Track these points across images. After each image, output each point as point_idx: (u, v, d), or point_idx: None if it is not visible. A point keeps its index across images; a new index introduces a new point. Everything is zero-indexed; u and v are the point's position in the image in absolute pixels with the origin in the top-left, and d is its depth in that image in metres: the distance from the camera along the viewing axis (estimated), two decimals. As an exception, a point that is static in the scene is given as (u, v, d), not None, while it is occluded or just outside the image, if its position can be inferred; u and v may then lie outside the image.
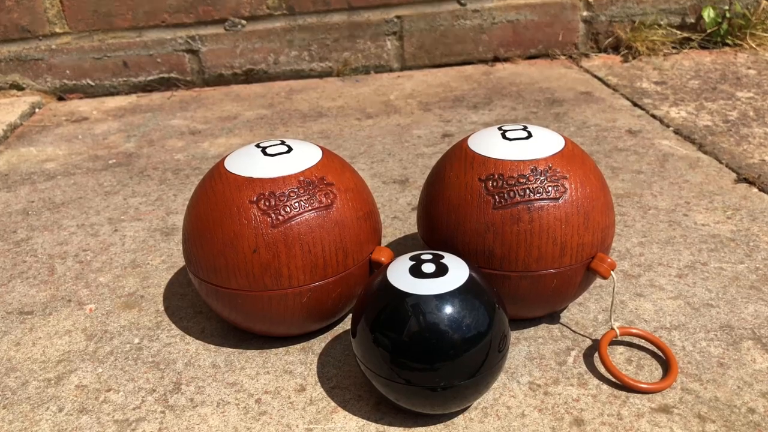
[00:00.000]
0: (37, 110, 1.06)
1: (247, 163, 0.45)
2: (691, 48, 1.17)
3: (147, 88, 1.13)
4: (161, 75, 1.12)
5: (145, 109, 1.04)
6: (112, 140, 0.91)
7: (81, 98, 1.11)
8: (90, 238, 0.65)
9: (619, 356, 0.45)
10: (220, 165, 0.46)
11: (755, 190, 0.67)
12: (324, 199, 0.44)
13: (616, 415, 0.40)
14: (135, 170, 0.81)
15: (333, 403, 0.42)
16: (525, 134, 0.46)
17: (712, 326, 0.47)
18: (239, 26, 1.10)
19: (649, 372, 0.44)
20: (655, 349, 0.45)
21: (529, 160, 0.44)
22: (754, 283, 0.52)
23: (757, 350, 0.45)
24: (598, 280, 0.52)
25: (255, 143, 0.47)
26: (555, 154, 0.45)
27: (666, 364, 0.44)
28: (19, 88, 1.11)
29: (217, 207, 0.43)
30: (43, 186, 0.77)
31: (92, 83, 1.12)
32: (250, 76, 1.14)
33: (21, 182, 0.79)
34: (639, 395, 0.41)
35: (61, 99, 1.11)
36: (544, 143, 0.45)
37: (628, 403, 0.41)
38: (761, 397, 0.41)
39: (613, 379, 0.43)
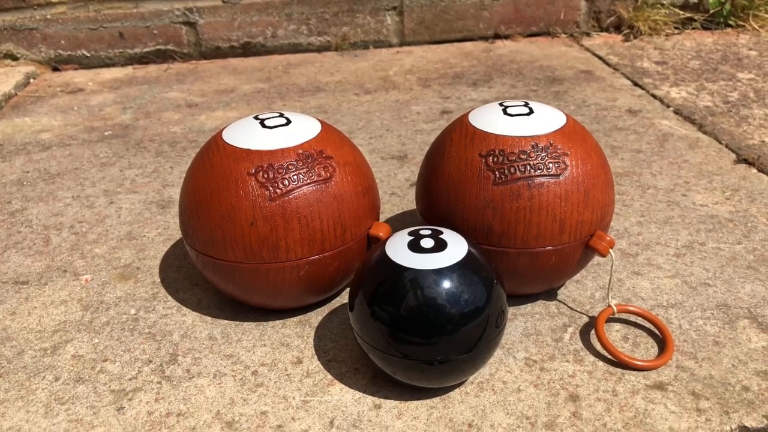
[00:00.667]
0: (31, 80, 1.05)
1: (246, 134, 0.44)
2: (693, 28, 1.16)
3: (143, 60, 1.12)
4: (158, 47, 1.11)
5: (142, 81, 1.03)
6: (108, 112, 0.90)
7: (76, 69, 1.10)
8: (85, 210, 0.64)
9: (615, 333, 0.45)
10: (217, 136, 0.46)
11: (754, 170, 0.67)
12: (323, 173, 0.43)
13: (611, 392, 0.40)
14: (131, 142, 0.80)
15: (329, 376, 0.42)
16: (526, 110, 0.46)
17: (708, 305, 0.48)
18: (237, -2, 1.09)
19: (645, 349, 0.44)
20: (652, 327, 0.46)
21: (530, 136, 0.44)
22: (751, 263, 0.52)
23: (752, 329, 0.45)
24: (596, 258, 0.52)
25: (253, 115, 0.47)
26: (556, 130, 0.44)
27: (662, 341, 0.44)
28: (14, 57, 1.09)
29: (215, 179, 0.43)
30: (38, 156, 0.76)
31: (88, 54, 1.10)
32: (247, 50, 1.13)
33: (16, 152, 0.78)
34: (634, 372, 0.42)
35: (56, 69, 1.10)
36: (546, 119, 0.45)
37: (623, 379, 0.41)
38: (755, 376, 0.41)
39: (609, 356, 0.43)
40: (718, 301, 0.48)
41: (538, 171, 0.42)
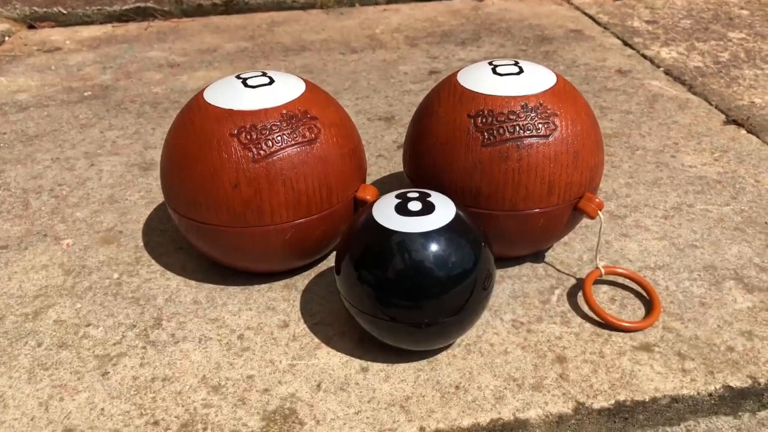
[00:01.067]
0: (6, 39, 1.01)
1: (228, 94, 0.43)
2: (684, -14, 1.14)
3: (123, 17, 1.08)
4: (137, 4, 1.08)
5: (121, 39, 1.00)
6: (87, 72, 0.88)
7: (53, 27, 1.06)
8: (66, 173, 0.63)
9: (602, 295, 0.45)
10: (198, 96, 0.44)
11: (743, 131, 0.66)
12: (307, 134, 0.42)
13: (598, 353, 0.40)
14: (112, 103, 0.78)
15: (316, 340, 0.42)
16: (516, 69, 0.45)
17: (695, 266, 0.48)
18: (218, -47, 1.05)
19: (632, 311, 0.44)
20: (639, 289, 0.46)
21: (519, 96, 0.43)
22: (738, 225, 0.52)
23: (738, 290, 0.45)
24: (585, 220, 0.52)
25: (235, 74, 0.45)
26: (546, 90, 0.43)
27: (649, 303, 0.44)
28: (-13, 15, 1.05)
29: (196, 140, 0.42)
30: (15, 117, 0.74)
31: (64, 11, 1.07)
32: (230, 7, 1.10)
33: (-8, 114, 0.76)
34: (621, 334, 0.42)
35: (31, 27, 1.06)
36: (536, 79, 0.44)
37: (610, 341, 0.41)
38: (740, 336, 0.41)
39: (596, 318, 0.43)
40: (705, 263, 0.48)
41: (528, 132, 0.42)
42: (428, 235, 0.37)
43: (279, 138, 0.41)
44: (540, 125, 0.42)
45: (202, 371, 0.40)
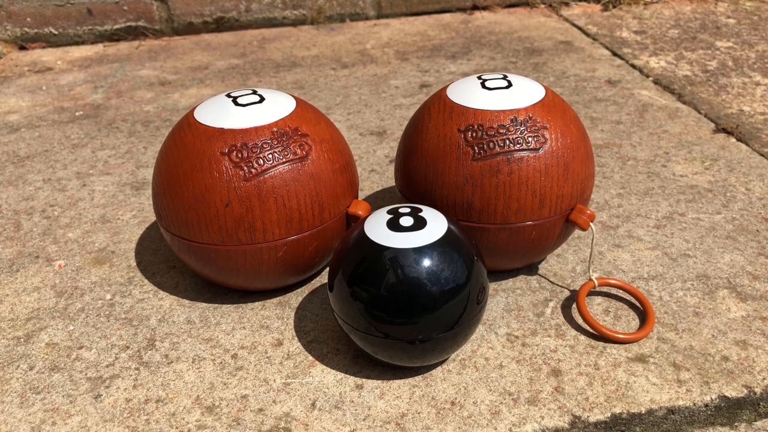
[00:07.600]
0: (-3, 60, 1.01)
1: (218, 113, 0.43)
2: (671, -4, 1.15)
3: (114, 37, 1.08)
4: (128, 23, 1.08)
5: (113, 59, 1.00)
6: (79, 91, 0.88)
7: (44, 47, 1.07)
8: (57, 193, 0.62)
9: (596, 307, 0.45)
10: (189, 115, 0.44)
11: (733, 140, 0.67)
12: (299, 151, 0.42)
13: (593, 366, 0.40)
14: (103, 122, 0.78)
15: (310, 357, 0.42)
16: (505, 83, 0.45)
17: (688, 276, 0.48)
18: (209, -29, 1.06)
19: (626, 322, 0.44)
20: (633, 300, 0.46)
21: (509, 110, 0.43)
22: (730, 233, 0.52)
23: (732, 299, 0.45)
24: (577, 232, 0.52)
25: (226, 93, 0.46)
26: (535, 103, 0.44)
27: (643, 314, 0.44)
28: (-22, 36, 1.06)
29: (187, 159, 0.42)
30: (6, 139, 0.74)
31: (55, 32, 1.07)
32: (220, 25, 1.10)
33: (-17, 135, 0.76)
34: (616, 345, 0.42)
35: (22, 48, 1.07)
36: (525, 93, 0.44)
37: (605, 353, 0.41)
38: (734, 345, 0.41)
39: (591, 330, 0.43)
40: (698, 272, 0.48)
41: (518, 145, 0.42)
42: (421, 251, 0.37)
43: (270, 156, 0.41)
44: (530, 138, 0.42)
45: (196, 392, 0.39)
